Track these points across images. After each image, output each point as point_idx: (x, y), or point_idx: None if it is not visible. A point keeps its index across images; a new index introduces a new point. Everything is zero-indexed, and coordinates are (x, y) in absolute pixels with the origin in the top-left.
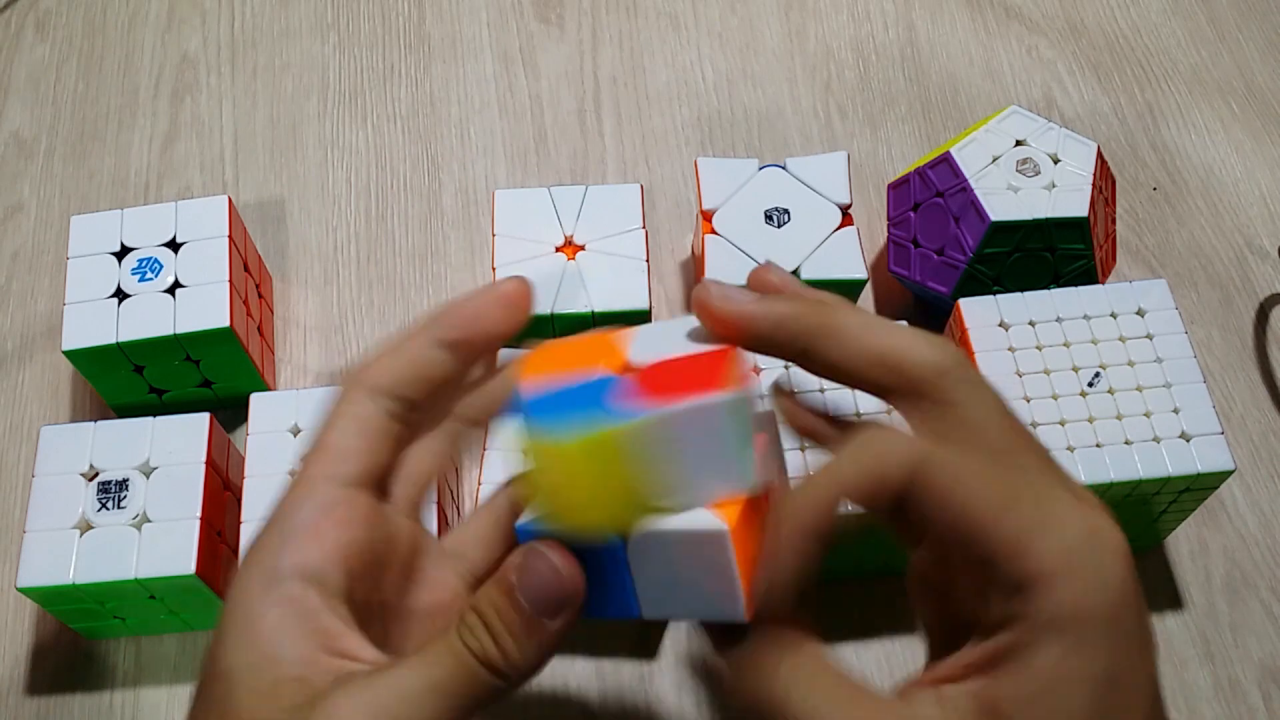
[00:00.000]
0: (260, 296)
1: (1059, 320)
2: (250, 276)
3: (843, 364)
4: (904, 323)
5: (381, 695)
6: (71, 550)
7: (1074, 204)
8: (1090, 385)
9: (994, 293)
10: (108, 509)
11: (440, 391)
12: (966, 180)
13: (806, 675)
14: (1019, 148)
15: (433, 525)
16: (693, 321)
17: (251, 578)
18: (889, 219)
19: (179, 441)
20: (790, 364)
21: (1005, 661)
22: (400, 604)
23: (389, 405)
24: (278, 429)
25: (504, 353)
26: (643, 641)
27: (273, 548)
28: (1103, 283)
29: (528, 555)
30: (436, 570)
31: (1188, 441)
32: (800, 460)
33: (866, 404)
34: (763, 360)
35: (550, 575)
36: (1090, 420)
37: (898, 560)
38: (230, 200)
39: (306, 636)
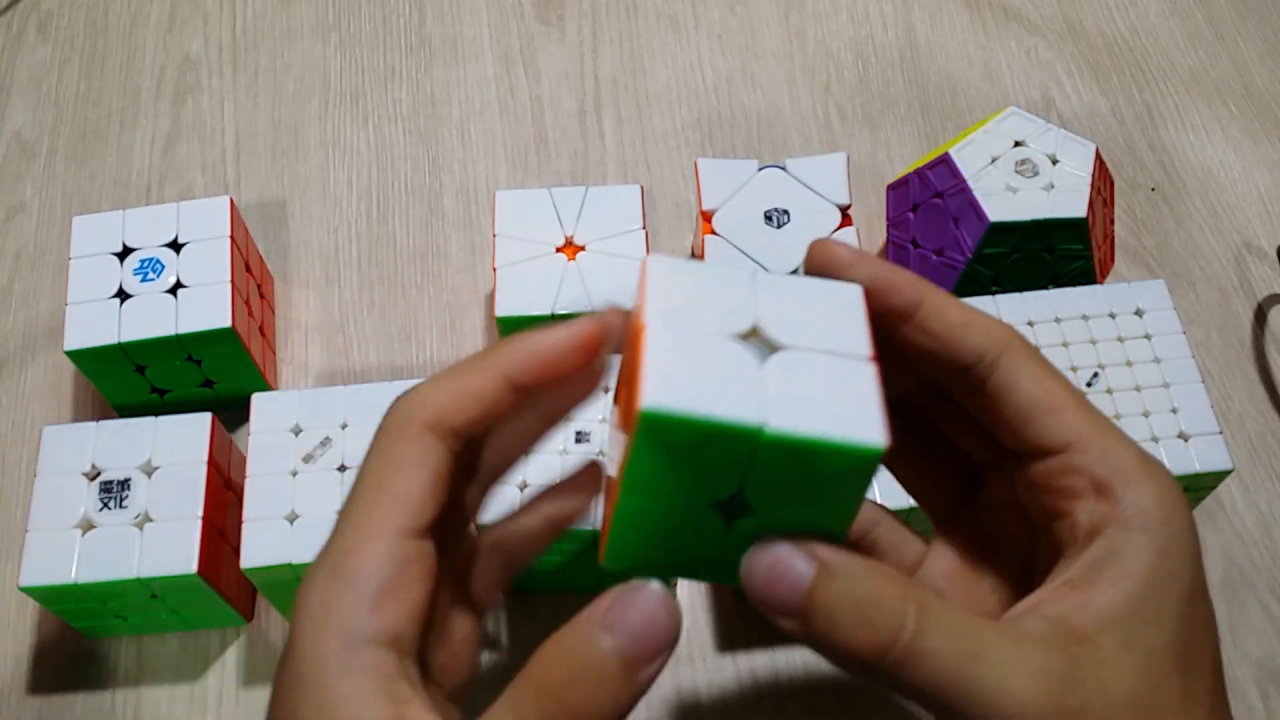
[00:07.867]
0: (262, 297)
1: (1057, 320)
2: (252, 277)
3: (927, 341)
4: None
5: None
6: (73, 550)
7: (1072, 205)
8: (1089, 385)
9: (993, 293)
10: (110, 508)
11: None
12: (965, 181)
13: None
14: (1018, 149)
15: None
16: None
17: (328, 640)
18: (888, 220)
19: (181, 441)
20: None
21: (1098, 573)
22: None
23: (455, 446)
24: (279, 429)
25: None
26: None
27: (348, 608)
28: (1101, 283)
29: (622, 594)
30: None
31: (1186, 441)
32: None
33: None
34: None
35: (649, 615)
36: None
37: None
38: (232, 201)
39: (381, 705)
